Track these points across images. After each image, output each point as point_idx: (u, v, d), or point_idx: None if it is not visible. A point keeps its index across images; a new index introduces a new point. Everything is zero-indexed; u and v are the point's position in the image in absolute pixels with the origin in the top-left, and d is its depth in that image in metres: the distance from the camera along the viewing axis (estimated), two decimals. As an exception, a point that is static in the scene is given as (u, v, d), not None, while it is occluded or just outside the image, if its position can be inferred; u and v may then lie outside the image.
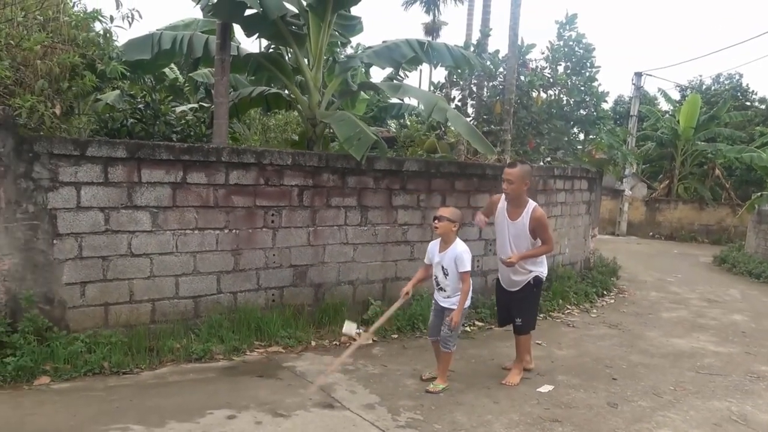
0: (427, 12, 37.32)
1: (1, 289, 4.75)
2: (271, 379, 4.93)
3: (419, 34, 38.72)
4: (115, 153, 5.11)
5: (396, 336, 6.32)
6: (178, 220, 5.48)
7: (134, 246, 5.28)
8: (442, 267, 4.83)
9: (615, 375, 5.56)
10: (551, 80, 9.46)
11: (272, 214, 5.99)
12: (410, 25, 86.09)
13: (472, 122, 8.85)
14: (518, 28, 8.05)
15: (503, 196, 5.21)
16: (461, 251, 4.76)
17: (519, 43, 8.48)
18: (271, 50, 8.54)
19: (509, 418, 4.41)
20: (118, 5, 5.40)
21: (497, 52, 9.02)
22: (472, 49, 8.70)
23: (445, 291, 4.87)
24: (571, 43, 9.59)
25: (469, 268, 4.75)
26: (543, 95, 9.45)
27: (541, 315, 7.60)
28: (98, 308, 5.16)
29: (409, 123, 14.52)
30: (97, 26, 5.98)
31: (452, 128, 8.49)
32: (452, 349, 4.89)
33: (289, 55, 8.23)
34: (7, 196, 4.71)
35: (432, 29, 37.51)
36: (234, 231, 5.79)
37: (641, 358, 6.18)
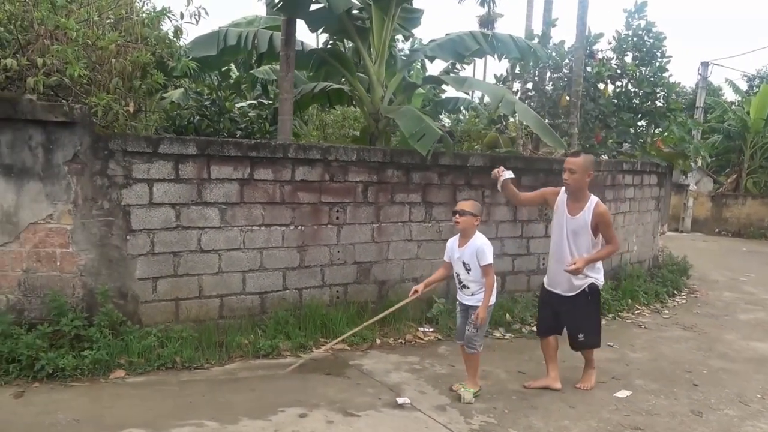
0: (482, 4, 36.77)
1: (78, 284, 4.88)
2: (339, 377, 4.89)
3: (474, 27, 38.23)
4: (185, 150, 5.16)
5: (462, 335, 6.18)
6: (246, 216, 5.50)
7: (203, 242, 5.33)
8: (463, 263, 4.55)
9: (696, 380, 5.27)
10: (619, 71, 9.09)
11: (337, 211, 5.96)
12: (465, 18, 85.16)
13: (535, 116, 8.60)
14: (587, 17, 7.76)
15: (562, 189, 4.77)
16: (482, 244, 4.48)
17: (586, 33, 8.17)
18: (329, 45, 8.52)
19: (587, 425, 4.23)
20: (189, 2, 5.44)
21: (563, 42, 8.74)
22: (536, 40, 8.43)
23: (468, 288, 4.58)
24: (640, 32, 9.19)
25: (491, 261, 4.46)
26: (611, 86, 9.09)
27: (610, 315, 7.34)
28: (169, 303, 5.24)
29: (464, 117, 14.34)
30: (165, 24, 6.09)
31: (519, 122, 8.29)
32: (479, 349, 4.59)
33: (349, 50, 8.19)
34: (83, 193, 4.83)
35: (487, 21, 36.91)
36: (299, 227, 5.77)
37: (722, 362, 5.85)
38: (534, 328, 6.52)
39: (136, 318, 5.06)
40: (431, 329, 6.18)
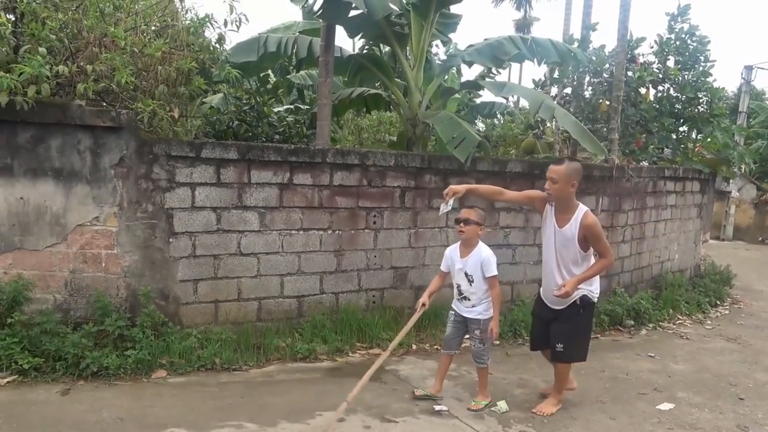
0: (518, 8, 36.51)
1: (121, 285, 4.99)
2: (376, 382, 4.88)
3: (509, 31, 37.97)
4: (227, 155, 5.25)
5: (498, 342, 6.12)
6: (285, 220, 5.55)
7: (243, 245, 5.40)
8: (466, 273, 4.38)
9: (741, 394, 5.12)
10: (661, 75, 8.90)
11: (374, 216, 5.97)
12: (500, 22, 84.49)
13: (573, 121, 8.47)
14: (628, 21, 7.62)
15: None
16: (487, 255, 4.36)
17: (628, 37, 8.03)
18: (365, 50, 8.56)
19: (629, 437, 4.15)
20: (232, 10, 5.53)
21: (603, 47, 8.59)
22: (575, 44, 8.32)
23: (469, 300, 4.42)
24: (683, 35, 8.97)
25: (496, 273, 4.35)
26: (652, 91, 8.91)
27: (651, 325, 7.19)
28: (209, 305, 5.32)
29: (498, 122, 14.25)
30: (208, 31, 6.19)
31: (556, 127, 8.19)
32: (487, 363, 4.51)
33: (386, 55, 8.22)
34: (129, 196, 4.94)
35: (523, 25, 36.63)
36: (337, 232, 5.80)
37: (769, 376, 5.68)
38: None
39: (177, 319, 5.16)
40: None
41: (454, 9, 7.62)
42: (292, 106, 9.05)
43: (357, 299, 5.96)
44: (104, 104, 5.26)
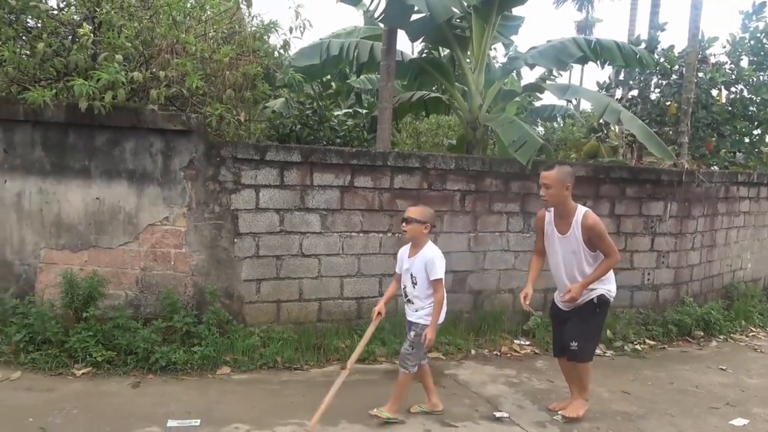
0: (580, 9, 35.73)
1: (189, 283, 5.16)
2: (435, 386, 4.84)
3: (571, 33, 37.23)
4: (290, 157, 5.35)
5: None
6: (345, 222, 5.61)
7: (305, 247, 5.49)
8: (411, 275, 4.12)
9: (823, 413, 4.83)
10: (734, 76, 8.51)
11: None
12: (561, 24, 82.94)
13: (639, 124, 8.20)
14: (700, 20, 7.33)
15: (548, 209, 4.34)
16: (432, 256, 4.05)
17: (699, 36, 7.73)
18: (425, 54, 8.56)
19: (700, 453, 3.98)
20: (297, 16, 5.65)
21: (672, 47, 8.29)
22: (643, 45, 8.06)
23: (413, 303, 4.14)
24: (758, 34, 8.55)
25: (441, 276, 4.01)
26: (724, 93, 8.53)
27: (721, 336, 6.88)
28: (271, 305, 5.43)
29: (558, 125, 13.94)
30: (273, 37, 6.34)
31: (620, 130, 7.97)
32: (411, 370, 4.08)
33: (445, 58, 8.19)
34: (197, 197, 5.11)
35: (584, 27, 35.83)
36: (396, 235, 5.82)
37: None
38: (638, 346, 6.27)
39: (241, 317, 5.29)
40: (527, 342, 6.04)
41: (516, 11, 7.54)
42: (351, 110, 9.15)
43: (416, 302, 5.94)
44: (174, 109, 5.47)
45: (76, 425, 3.75)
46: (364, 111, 8.78)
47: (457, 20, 6.86)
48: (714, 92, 8.40)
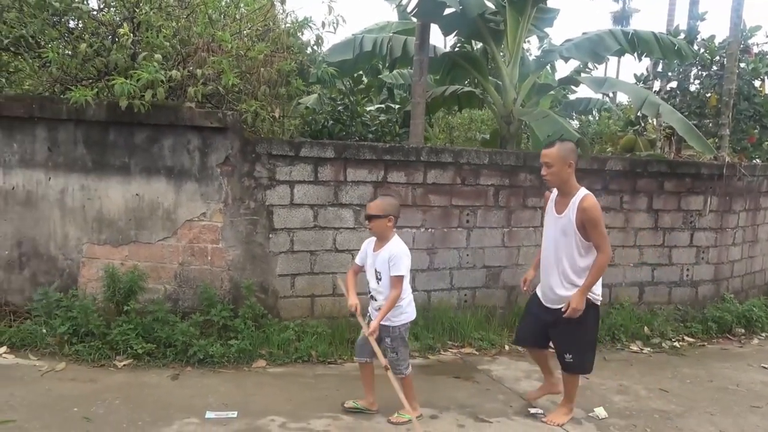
0: (616, 0, 34.99)
1: (225, 278, 5.25)
2: (468, 381, 4.86)
3: (607, 24, 36.58)
4: (324, 153, 5.39)
5: (595, 346, 5.92)
6: (378, 218, 5.62)
7: (338, 242, 5.53)
8: (375, 270, 3.90)
9: None
10: (777, 66, 8.25)
11: (467, 214, 5.93)
12: (597, 14, 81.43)
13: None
14: (742, 9, 7.11)
15: (554, 190, 4.10)
16: (398, 252, 3.81)
17: (741, 26, 7.50)
18: (457, 48, 8.52)
19: (742, 453, 3.89)
20: (331, 11, 5.68)
21: (713, 37, 8.06)
22: (682, 36, 7.86)
23: (376, 300, 3.93)
24: (804, 22, 8.28)
25: (403, 273, 3.77)
26: (767, 84, 8.27)
27: (763, 334, 6.72)
28: (305, 299, 5.49)
29: (594, 119, 13.70)
30: (306, 33, 6.39)
31: (658, 123, 7.80)
32: (406, 372, 3.94)
33: (478, 52, 8.13)
34: (233, 194, 5.19)
35: (621, 17, 35.06)
36: (430, 230, 5.82)
37: None
38: (676, 344, 6.16)
39: (276, 312, 5.36)
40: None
41: (551, 3, 7.44)
42: (383, 106, 9.16)
43: (449, 297, 5.95)
44: (210, 106, 5.56)
45: (118, 415, 3.86)
46: (397, 106, 8.79)
47: (491, 14, 6.80)
48: (756, 83, 8.15)
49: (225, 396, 4.27)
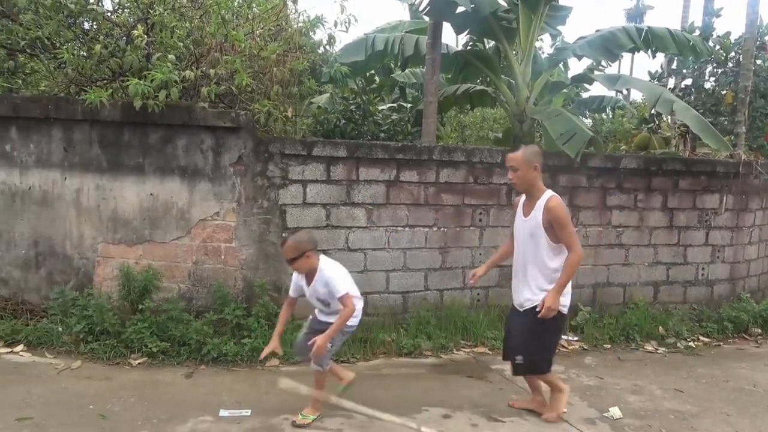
0: (629, -4, 34.71)
1: (239, 277, 5.28)
2: (481, 380, 4.85)
3: (620, 21, 36.28)
4: (336, 153, 5.40)
5: (609, 346, 5.88)
6: (391, 217, 5.64)
7: (351, 241, 5.54)
8: (319, 299, 3.86)
9: None
10: (795, 63, 8.15)
11: (480, 213, 5.92)
12: (610, 11, 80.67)
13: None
14: (758, 5, 7.04)
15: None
16: (329, 276, 3.73)
17: (758, 22, 7.41)
18: (469, 46, 8.49)
19: (759, 454, 3.85)
20: (343, 10, 5.69)
21: (728, 34, 7.97)
22: (697, 32, 7.78)
23: (332, 323, 3.76)
24: (822, 18, 8.15)
25: (345, 291, 3.68)
26: (784, 81, 8.17)
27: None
28: (318, 298, 5.49)
29: (607, 116, 13.59)
30: (318, 32, 6.41)
31: (672, 121, 7.73)
32: (326, 368, 3.92)
33: (490, 50, 8.09)
34: (246, 193, 5.21)
35: (635, 14, 34.75)
36: (442, 229, 5.81)
37: None
38: (691, 343, 6.11)
39: (289, 311, 5.36)
40: (576, 338, 5.94)
41: (563, 1, 7.38)
42: (395, 105, 9.15)
43: (461, 297, 5.94)
44: (224, 106, 5.59)
45: (134, 413, 3.89)
46: (409, 105, 8.78)
47: (503, 12, 6.76)
48: (773, 80, 8.05)
49: (239, 394, 4.30)
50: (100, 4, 5.53)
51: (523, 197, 4.04)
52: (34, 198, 5.21)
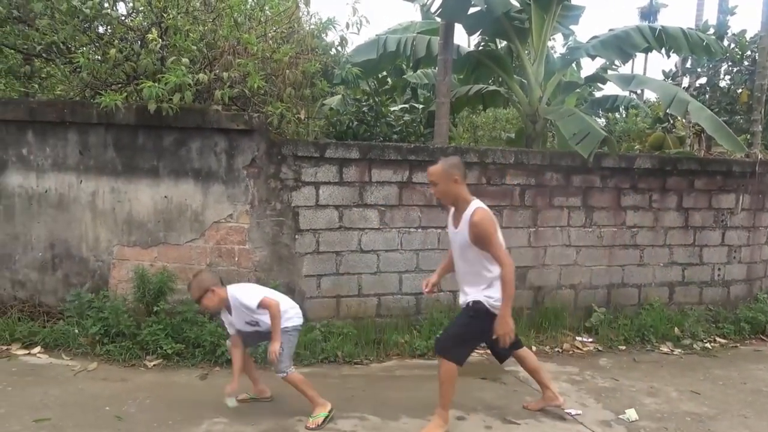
0: (643, -6, 34.47)
1: (252, 278, 5.29)
2: (495, 382, 4.84)
3: (634, 20, 36.03)
4: (349, 154, 5.41)
5: (623, 348, 5.84)
6: (403, 218, 5.64)
7: (363, 242, 5.54)
8: (247, 323, 3.93)
9: None
10: (812, 61, 8.03)
11: (493, 214, 5.88)
12: (623, 10, 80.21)
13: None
14: (774, 2, 6.95)
15: None
16: (240, 296, 3.83)
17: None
18: (481, 47, 8.47)
19: (778, 457, 3.80)
20: (355, 12, 5.70)
21: (743, 32, 7.90)
22: (711, 31, 7.71)
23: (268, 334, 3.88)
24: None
25: (258, 299, 3.78)
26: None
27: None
28: (331, 300, 5.51)
29: (620, 116, 13.51)
30: (330, 34, 6.42)
31: (687, 120, 7.67)
32: (287, 371, 3.90)
33: (503, 50, 8.07)
34: (259, 195, 5.23)
35: (648, 13, 34.49)
36: (455, 230, 5.79)
37: None
38: (708, 345, 6.06)
39: (302, 312, 5.35)
40: (590, 339, 5.91)
41: (575, 0, 7.35)
42: (407, 106, 9.15)
43: (475, 298, 5.91)
44: (236, 108, 5.61)
45: (149, 414, 3.92)
46: (420, 106, 8.77)
47: (516, 12, 6.75)
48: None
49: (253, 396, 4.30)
50: (114, 8, 5.57)
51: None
52: (51, 201, 5.27)
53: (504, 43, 8.01)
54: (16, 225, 5.29)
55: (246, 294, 3.87)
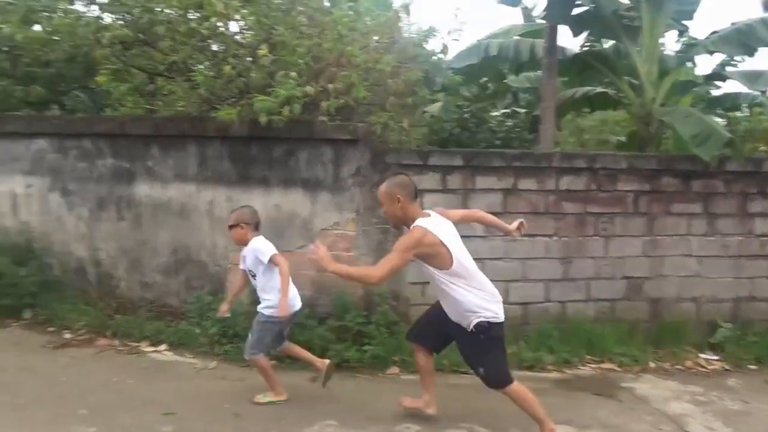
0: (764, -16, 31.84)
1: (359, 285, 5.36)
2: (610, 399, 4.60)
3: (756, 11, 33.38)
4: (452, 162, 5.39)
5: (755, 367, 5.38)
6: (507, 225, 5.50)
7: (469, 250, 5.45)
8: (248, 271, 4.30)
9: None
10: None
11: (604, 222, 5.65)
12: (744, 2, 74.05)
13: None
14: None
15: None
16: (257, 246, 4.16)
17: None
18: (586, 48, 8.15)
19: None
20: (456, 17, 5.68)
21: None
22: None
23: (263, 301, 4.23)
24: None
25: (273, 252, 4.12)
26: None
27: None
28: (435, 308, 5.47)
29: (741, 115, 12.51)
30: (431, 42, 6.42)
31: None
32: (252, 356, 4.18)
33: (610, 50, 7.73)
34: (364, 203, 5.32)
35: (770, 4, 31.83)
36: (563, 238, 5.61)
37: None
38: None
39: (407, 319, 5.38)
40: (716, 357, 5.49)
41: (692, -7, 6.92)
42: (508, 111, 8.99)
43: (585, 309, 5.68)
44: (341, 119, 5.74)
45: (266, 413, 4.07)
46: (523, 111, 8.59)
47: (625, 9, 6.45)
48: None
49: (360, 401, 4.35)
50: (227, 27, 5.88)
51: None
52: (173, 209, 5.63)
53: (611, 43, 7.68)
54: (144, 232, 5.70)
55: (265, 245, 4.21)
